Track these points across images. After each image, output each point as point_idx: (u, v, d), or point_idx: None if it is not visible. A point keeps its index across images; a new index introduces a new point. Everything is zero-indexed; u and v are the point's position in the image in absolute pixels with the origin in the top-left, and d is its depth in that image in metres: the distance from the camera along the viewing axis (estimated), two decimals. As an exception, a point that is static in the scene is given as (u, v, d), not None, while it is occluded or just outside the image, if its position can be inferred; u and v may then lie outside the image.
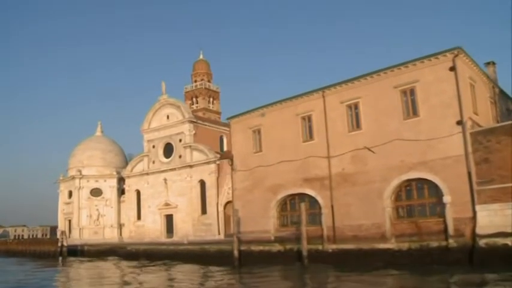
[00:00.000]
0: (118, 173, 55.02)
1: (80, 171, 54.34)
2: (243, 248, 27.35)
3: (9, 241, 58.86)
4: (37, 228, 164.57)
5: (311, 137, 26.20)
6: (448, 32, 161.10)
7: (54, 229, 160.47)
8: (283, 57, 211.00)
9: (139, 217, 52.99)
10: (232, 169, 29.94)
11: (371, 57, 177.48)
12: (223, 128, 53.76)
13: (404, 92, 22.67)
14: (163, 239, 48.61)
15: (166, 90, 52.22)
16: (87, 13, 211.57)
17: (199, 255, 30.24)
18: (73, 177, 54.13)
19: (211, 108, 65.96)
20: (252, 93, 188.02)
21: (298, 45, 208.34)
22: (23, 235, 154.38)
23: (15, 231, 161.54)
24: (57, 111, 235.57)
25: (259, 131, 28.77)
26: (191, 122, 49.47)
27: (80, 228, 52.37)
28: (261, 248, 26.83)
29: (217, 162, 46.15)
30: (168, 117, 51.90)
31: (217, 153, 47.63)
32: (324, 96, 25.71)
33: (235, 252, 26.18)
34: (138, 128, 53.40)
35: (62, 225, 55.68)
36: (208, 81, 67.65)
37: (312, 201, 26.03)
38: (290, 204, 27.45)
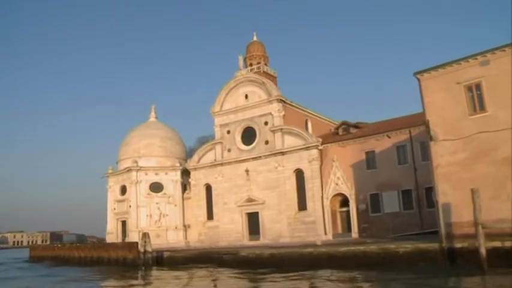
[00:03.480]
0: (181, 164, 46.34)
1: (136, 162, 45.16)
2: (458, 244, 20.07)
3: (57, 246, 48.57)
4: (36, 234, 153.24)
5: None
6: None
7: (53, 235, 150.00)
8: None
9: (210, 216, 44.52)
10: (431, 139, 22.22)
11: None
12: (309, 111, 46.25)
13: None
14: (246, 242, 40.35)
15: (216, 77, 45.63)
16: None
17: (378, 258, 22.50)
18: (129, 170, 44.78)
19: (270, 94, 57.81)
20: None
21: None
22: (22, 241, 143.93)
23: (14, 237, 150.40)
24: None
25: (478, 85, 21.24)
26: (280, 101, 41.59)
27: (139, 231, 42.80)
28: (497, 244, 19.19)
29: (320, 147, 38.49)
30: (246, 96, 43.95)
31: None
32: None
33: (482, 250, 18.44)
34: (188, 117, 45.37)
35: (112, 227, 46.28)
36: (265, 64, 59.57)
37: None
38: (535, 181, 19.92)
